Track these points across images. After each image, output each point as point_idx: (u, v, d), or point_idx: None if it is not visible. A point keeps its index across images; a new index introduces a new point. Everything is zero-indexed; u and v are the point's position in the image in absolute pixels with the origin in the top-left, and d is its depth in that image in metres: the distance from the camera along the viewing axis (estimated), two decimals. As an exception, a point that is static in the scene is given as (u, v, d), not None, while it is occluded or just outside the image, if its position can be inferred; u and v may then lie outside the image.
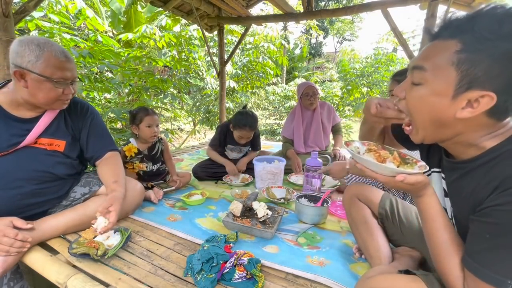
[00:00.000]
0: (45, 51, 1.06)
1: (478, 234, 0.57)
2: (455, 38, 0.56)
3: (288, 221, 1.46)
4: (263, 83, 6.14)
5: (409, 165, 0.73)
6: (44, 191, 1.20)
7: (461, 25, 0.56)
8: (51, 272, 0.98)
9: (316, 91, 2.40)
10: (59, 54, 1.09)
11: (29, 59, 1.04)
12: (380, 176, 0.70)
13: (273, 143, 3.87)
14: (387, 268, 0.78)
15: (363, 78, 6.36)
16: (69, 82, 1.14)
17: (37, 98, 1.10)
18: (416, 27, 6.35)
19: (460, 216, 0.65)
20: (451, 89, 0.57)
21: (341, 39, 20.41)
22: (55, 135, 1.24)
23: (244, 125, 2.00)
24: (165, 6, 2.94)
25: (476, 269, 0.56)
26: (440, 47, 0.59)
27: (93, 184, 1.34)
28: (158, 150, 1.87)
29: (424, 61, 0.61)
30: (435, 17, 2.37)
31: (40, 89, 1.08)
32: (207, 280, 0.93)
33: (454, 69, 0.56)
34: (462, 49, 0.55)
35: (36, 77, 1.05)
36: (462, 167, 0.65)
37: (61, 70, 1.09)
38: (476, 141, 0.61)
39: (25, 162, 1.15)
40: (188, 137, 5.95)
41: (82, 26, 4.90)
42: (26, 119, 1.18)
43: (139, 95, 3.76)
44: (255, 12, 9.76)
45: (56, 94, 1.12)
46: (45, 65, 1.06)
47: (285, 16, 3.09)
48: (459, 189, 0.65)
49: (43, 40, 1.09)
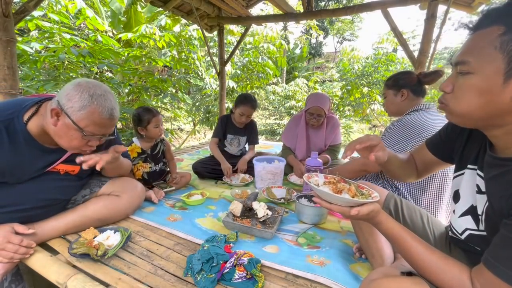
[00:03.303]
0: (94, 104, 0.99)
1: (510, 238, 0.55)
2: (496, 24, 0.56)
3: (288, 221, 1.46)
4: (263, 83, 6.14)
5: (363, 196, 0.78)
6: (48, 213, 1.19)
7: (501, 12, 0.56)
8: (51, 272, 0.98)
9: (323, 112, 2.12)
10: (105, 113, 1.01)
11: (73, 106, 0.98)
12: (335, 207, 0.74)
13: (273, 143, 3.87)
14: (390, 270, 0.78)
15: (363, 78, 6.36)
16: (99, 136, 1.07)
17: (59, 140, 1.04)
18: (416, 27, 6.35)
19: (493, 214, 0.63)
20: (501, 72, 0.55)
21: (341, 39, 20.40)
22: (73, 162, 1.16)
23: (246, 100, 2.14)
24: (165, 6, 2.94)
25: (505, 274, 0.53)
26: (481, 36, 0.58)
27: (93, 185, 1.34)
28: (160, 150, 1.88)
29: (466, 54, 0.60)
30: (435, 17, 2.37)
31: (66, 134, 1.01)
32: (207, 280, 0.93)
33: (499, 52, 0.55)
34: (506, 31, 0.54)
35: (69, 123, 0.98)
36: (506, 164, 0.62)
37: (98, 126, 1.02)
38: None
39: (35, 191, 1.11)
40: (188, 137, 5.96)
41: (82, 25, 4.91)
42: (52, 149, 1.12)
43: (139, 95, 3.76)
44: (255, 12, 9.74)
45: (79, 144, 1.04)
46: (85, 117, 0.99)
47: (285, 16, 3.10)
48: (499, 186, 0.62)
49: (101, 91, 1.02)
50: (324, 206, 0.76)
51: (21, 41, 2.65)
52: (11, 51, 1.59)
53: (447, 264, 0.63)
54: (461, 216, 0.75)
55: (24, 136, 1.03)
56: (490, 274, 0.56)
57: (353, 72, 6.46)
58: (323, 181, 0.86)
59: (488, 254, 0.59)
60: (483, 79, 0.57)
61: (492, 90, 0.57)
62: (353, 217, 0.72)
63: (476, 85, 0.59)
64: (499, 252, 0.57)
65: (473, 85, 0.59)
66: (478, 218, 0.69)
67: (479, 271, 0.59)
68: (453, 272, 0.62)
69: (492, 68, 0.56)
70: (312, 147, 2.30)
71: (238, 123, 2.28)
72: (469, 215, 0.73)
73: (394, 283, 0.67)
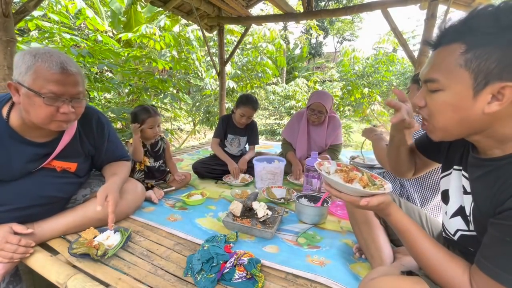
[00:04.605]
0: (38, 61, 0.92)
1: (498, 237, 0.56)
2: (456, 42, 0.57)
3: (288, 221, 1.46)
4: (263, 83, 6.14)
5: (376, 186, 0.76)
6: (48, 212, 1.18)
7: (458, 29, 0.58)
8: (51, 272, 0.98)
9: (324, 109, 2.13)
10: (53, 66, 0.93)
11: (21, 71, 0.92)
12: (344, 196, 0.73)
13: (273, 143, 3.87)
14: (390, 269, 0.78)
15: (363, 78, 6.37)
16: (65, 99, 0.97)
17: (30, 116, 0.97)
18: (416, 27, 6.36)
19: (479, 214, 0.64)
20: (470, 88, 0.57)
21: (341, 39, 20.40)
22: (68, 158, 1.16)
23: (248, 101, 2.15)
24: (165, 6, 2.94)
25: (496, 274, 0.54)
26: (445, 53, 0.60)
27: (94, 185, 1.34)
28: (161, 148, 1.90)
29: (434, 71, 0.62)
30: (435, 17, 2.37)
31: (31, 106, 0.94)
32: (207, 280, 0.93)
33: (465, 70, 0.56)
34: (467, 49, 0.56)
35: (26, 92, 0.92)
36: (489, 165, 0.63)
37: (53, 83, 0.93)
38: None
39: (32, 188, 1.09)
40: (188, 137, 5.96)
41: (82, 25, 4.91)
42: (41, 143, 1.08)
43: (139, 95, 3.76)
44: (255, 12, 9.75)
45: (47, 113, 0.95)
46: (34, 76, 0.92)
47: (285, 16, 3.09)
48: (483, 186, 0.63)
49: (45, 50, 0.95)
50: (333, 194, 0.76)
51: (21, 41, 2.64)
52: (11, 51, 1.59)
53: (451, 262, 0.63)
54: (452, 217, 0.75)
55: (7, 131, 1.01)
56: (483, 274, 0.56)
57: (354, 73, 6.46)
58: (334, 169, 0.83)
59: (479, 254, 0.59)
60: (454, 95, 0.59)
61: (464, 106, 0.58)
62: (363, 207, 0.72)
63: (447, 101, 0.60)
64: (488, 252, 0.57)
65: (445, 101, 0.61)
66: (467, 218, 0.70)
67: (474, 271, 0.59)
68: (456, 271, 0.62)
69: (461, 84, 0.58)
70: (312, 144, 2.30)
71: (238, 124, 2.28)
72: (459, 216, 0.73)
73: (393, 282, 0.67)
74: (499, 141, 0.61)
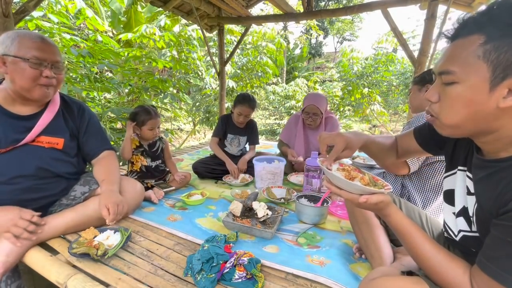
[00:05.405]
0: (21, 35, 1.10)
1: (500, 238, 0.55)
2: (475, 33, 0.55)
3: (288, 221, 1.46)
4: (263, 83, 6.14)
5: (376, 187, 0.76)
6: (42, 187, 1.21)
7: (478, 20, 0.56)
8: (51, 272, 0.98)
9: (318, 111, 2.11)
10: (33, 37, 1.11)
11: (6, 44, 1.08)
12: (344, 193, 0.73)
13: (273, 143, 3.87)
14: (390, 270, 0.78)
15: (363, 78, 6.36)
16: (47, 64, 1.13)
17: (16, 83, 1.10)
18: (416, 27, 6.34)
19: (482, 215, 0.64)
20: (487, 80, 0.55)
21: (341, 39, 20.41)
22: (54, 133, 1.25)
23: (244, 100, 2.14)
24: (165, 6, 2.94)
25: (497, 274, 0.54)
26: (462, 45, 0.58)
27: (92, 182, 1.34)
28: (159, 148, 1.89)
29: (450, 63, 0.59)
30: (435, 17, 2.37)
31: (16, 71, 1.08)
32: (207, 280, 0.93)
33: (483, 61, 0.54)
34: (486, 40, 0.54)
35: (12, 59, 1.07)
36: (493, 166, 0.62)
37: (35, 50, 1.09)
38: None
39: (24, 159, 1.16)
40: (188, 137, 5.96)
41: (82, 26, 4.90)
42: (24, 116, 1.18)
43: (139, 95, 3.76)
44: (255, 12, 9.75)
45: (32, 75, 1.10)
46: (19, 46, 1.08)
47: (285, 16, 3.10)
48: (487, 187, 0.63)
49: (25, 31, 1.13)
50: (333, 191, 0.75)
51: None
52: (11, 51, 1.59)
53: (452, 263, 0.63)
54: (456, 217, 0.75)
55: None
56: (484, 275, 0.56)
57: (353, 73, 6.45)
58: (336, 167, 0.84)
59: (481, 255, 0.59)
60: (470, 88, 0.57)
61: (479, 99, 0.57)
62: (361, 205, 0.71)
63: (463, 94, 0.58)
64: (490, 253, 0.57)
65: (460, 95, 0.59)
66: (470, 219, 0.70)
67: (475, 272, 0.59)
68: (457, 272, 0.61)
69: (478, 77, 0.56)
70: (311, 147, 2.29)
71: (237, 123, 2.28)
72: (462, 217, 0.73)
73: (393, 282, 0.67)
74: (507, 144, 0.60)
